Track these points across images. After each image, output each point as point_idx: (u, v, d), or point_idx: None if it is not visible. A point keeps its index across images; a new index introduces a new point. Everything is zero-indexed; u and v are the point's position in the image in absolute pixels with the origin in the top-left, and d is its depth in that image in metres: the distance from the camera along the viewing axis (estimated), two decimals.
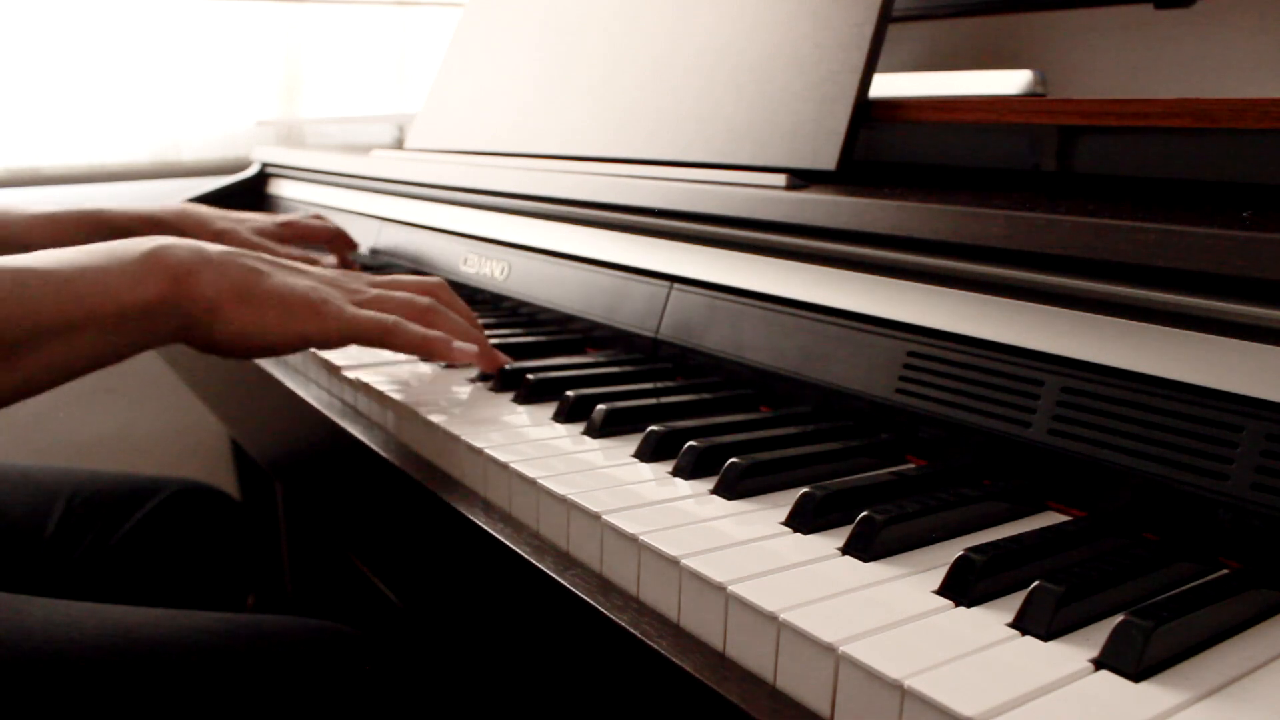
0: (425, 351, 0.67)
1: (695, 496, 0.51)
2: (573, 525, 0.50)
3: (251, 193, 1.55)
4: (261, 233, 1.04)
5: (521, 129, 1.01)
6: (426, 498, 0.60)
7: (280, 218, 1.08)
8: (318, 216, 1.13)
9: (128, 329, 0.58)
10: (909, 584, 0.42)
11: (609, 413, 0.61)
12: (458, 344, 0.67)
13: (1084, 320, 0.50)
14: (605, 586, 0.48)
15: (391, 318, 0.66)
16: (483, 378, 0.73)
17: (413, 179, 1.10)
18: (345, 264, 1.13)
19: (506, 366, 0.71)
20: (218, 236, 0.99)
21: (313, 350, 0.81)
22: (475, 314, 0.76)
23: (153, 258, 0.59)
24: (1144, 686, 0.35)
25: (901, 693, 0.34)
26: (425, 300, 0.69)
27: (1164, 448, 0.45)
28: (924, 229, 0.56)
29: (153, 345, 0.61)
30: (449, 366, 0.76)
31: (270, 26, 1.76)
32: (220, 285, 0.60)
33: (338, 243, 1.13)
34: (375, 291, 0.69)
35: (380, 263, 1.17)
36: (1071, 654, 0.37)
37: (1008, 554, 0.42)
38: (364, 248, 1.22)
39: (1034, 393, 0.51)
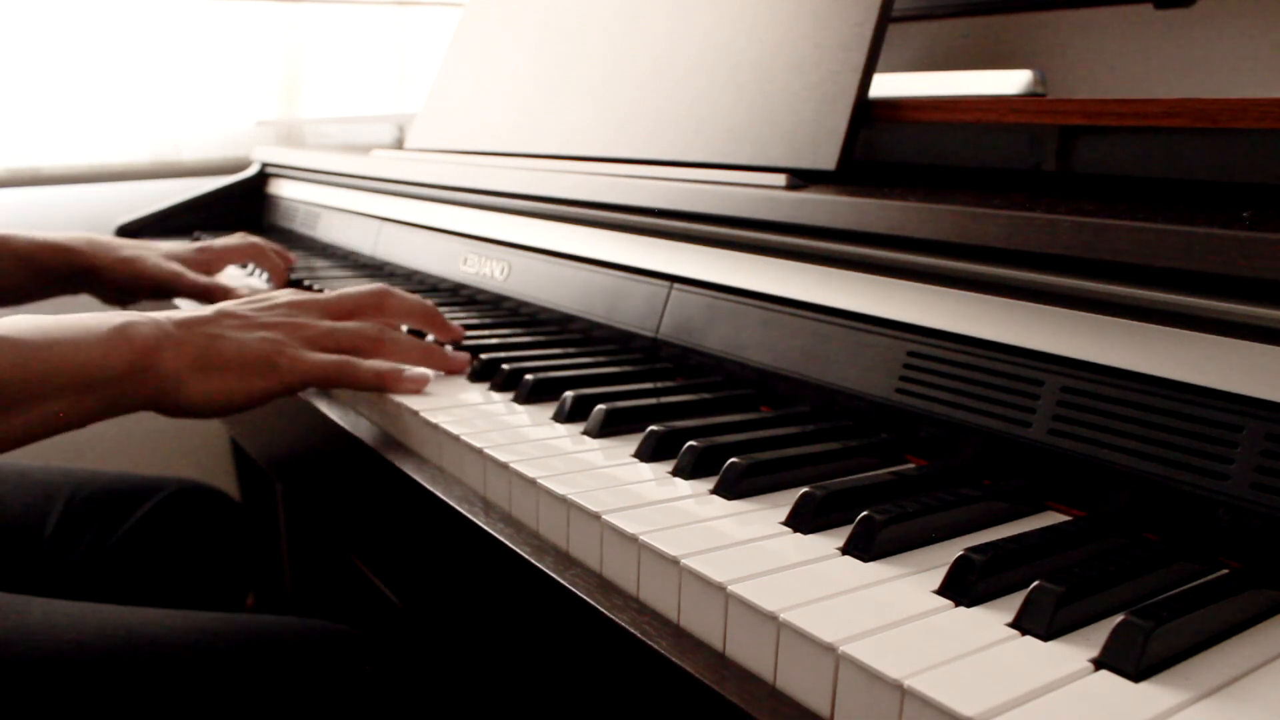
0: (378, 388, 0.69)
1: (695, 496, 0.51)
2: (572, 525, 0.50)
3: (251, 193, 1.55)
4: (172, 257, 1.03)
5: (521, 129, 1.01)
6: (426, 497, 0.60)
7: (195, 244, 1.08)
8: (242, 235, 1.12)
9: (94, 397, 0.61)
10: (909, 584, 0.42)
11: (609, 413, 0.61)
12: (408, 374, 0.69)
13: (1084, 320, 0.50)
14: (605, 586, 0.47)
15: (343, 358, 0.68)
16: (483, 378, 0.73)
17: (413, 179, 1.10)
18: (280, 282, 1.11)
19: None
20: (124, 263, 0.99)
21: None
22: (431, 303, 0.78)
23: (118, 334, 0.62)
24: (1144, 686, 0.35)
25: (901, 692, 0.34)
26: (374, 330, 0.71)
27: (1164, 448, 0.45)
28: (924, 229, 0.56)
29: (120, 413, 0.63)
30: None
31: (270, 26, 1.76)
32: (180, 359, 0.63)
33: (262, 260, 1.11)
34: (326, 325, 0.70)
35: (378, 261, 1.17)
36: (1071, 654, 0.37)
37: (1008, 554, 0.42)
38: (364, 248, 1.22)
39: (1034, 393, 0.51)
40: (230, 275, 1.24)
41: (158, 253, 1.02)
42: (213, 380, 0.64)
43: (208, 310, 0.68)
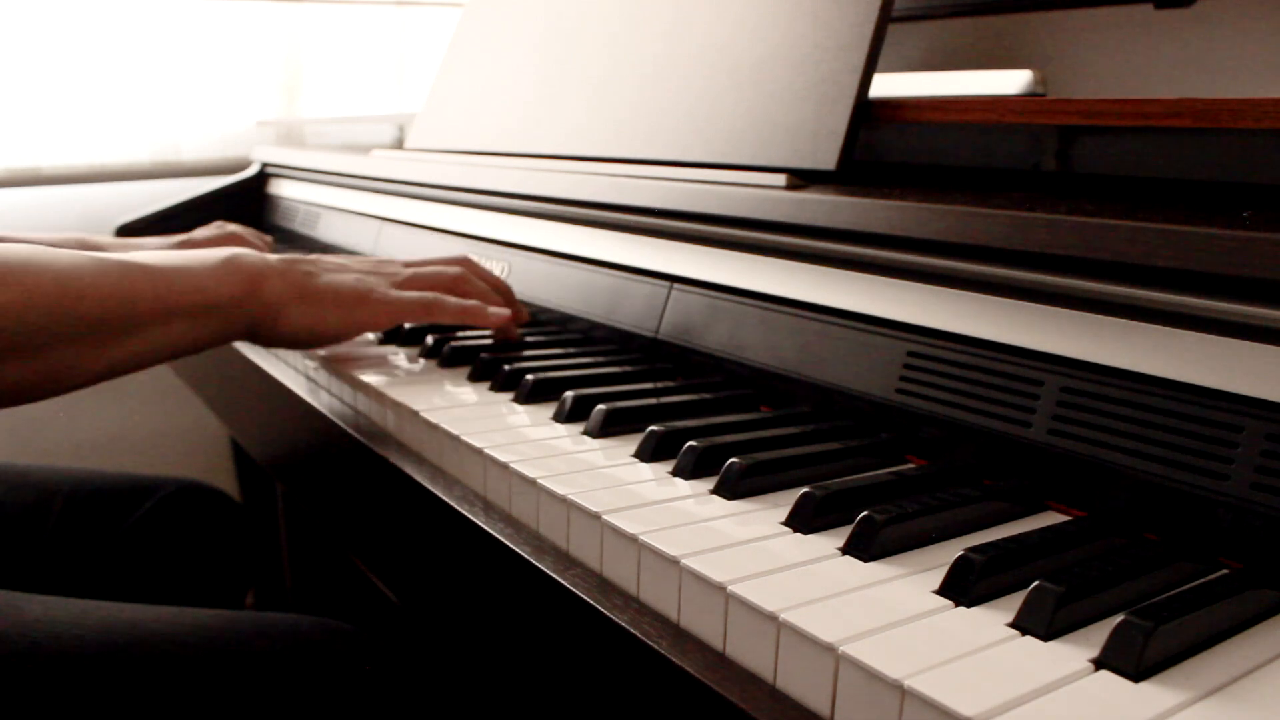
0: (464, 320, 0.75)
1: (695, 496, 0.51)
2: (573, 525, 0.50)
3: (251, 193, 1.55)
4: None
5: (521, 129, 1.01)
6: (426, 497, 0.60)
7: (175, 239, 1.08)
8: (219, 225, 1.12)
9: (210, 321, 0.67)
10: (909, 584, 0.42)
11: (609, 413, 0.61)
12: (492, 310, 0.76)
13: (1084, 320, 0.50)
14: (605, 586, 0.47)
15: (431, 295, 0.75)
16: (483, 378, 0.73)
17: (413, 179, 1.10)
18: None
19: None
20: None
21: (313, 350, 0.81)
22: (502, 280, 0.82)
23: (230, 263, 0.68)
24: (1144, 686, 0.35)
25: (901, 693, 0.34)
26: (455, 270, 0.78)
27: (1164, 448, 0.45)
28: (924, 229, 0.56)
29: (227, 340, 0.70)
30: (477, 337, 0.81)
31: (270, 26, 1.76)
32: (283, 288, 0.70)
33: (246, 247, 1.11)
34: (410, 271, 0.77)
35: None
36: (1071, 654, 0.37)
37: (1008, 554, 0.42)
38: (364, 248, 1.21)
39: (1034, 393, 0.51)
40: None
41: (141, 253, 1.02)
42: (309, 311, 0.70)
43: (305, 256, 0.74)
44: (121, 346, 0.62)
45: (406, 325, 0.82)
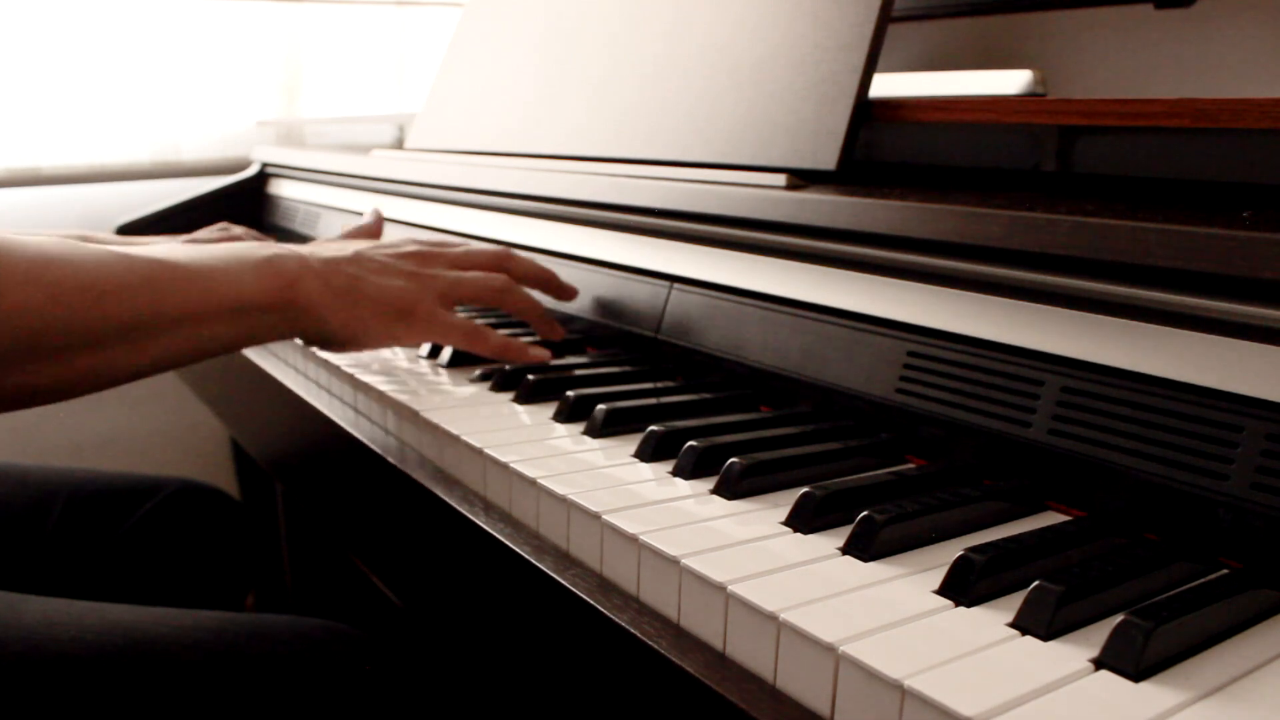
0: (503, 356, 0.73)
1: (695, 496, 0.51)
2: (573, 525, 0.50)
3: (251, 193, 1.55)
4: None
5: (521, 129, 1.01)
6: (426, 498, 0.60)
7: (177, 240, 1.05)
8: (223, 227, 1.12)
9: (243, 322, 0.65)
10: (909, 584, 0.42)
11: (609, 413, 0.61)
12: (533, 351, 0.74)
13: (1084, 320, 0.50)
14: (605, 586, 0.48)
15: (475, 326, 0.73)
16: (483, 378, 0.73)
17: (413, 179, 1.10)
18: None
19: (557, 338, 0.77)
20: None
21: (313, 350, 0.81)
22: (545, 268, 0.80)
23: (268, 264, 0.66)
24: (1144, 686, 0.35)
25: (901, 692, 0.34)
26: (499, 282, 0.75)
27: (1164, 448, 0.45)
28: (924, 229, 0.56)
29: (262, 341, 0.68)
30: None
31: (270, 26, 1.76)
32: (323, 292, 0.67)
33: None
34: (454, 275, 0.73)
35: None
36: (1071, 654, 0.37)
37: (1008, 554, 0.42)
38: None
39: (1034, 393, 0.51)
40: None
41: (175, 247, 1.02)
42: (351, 316, 0.68)
43: (347, 250, 0.71)
44: (148, 349, 0.61)
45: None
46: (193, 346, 0.63)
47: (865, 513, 0.45)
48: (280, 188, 1.52)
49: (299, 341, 0.73)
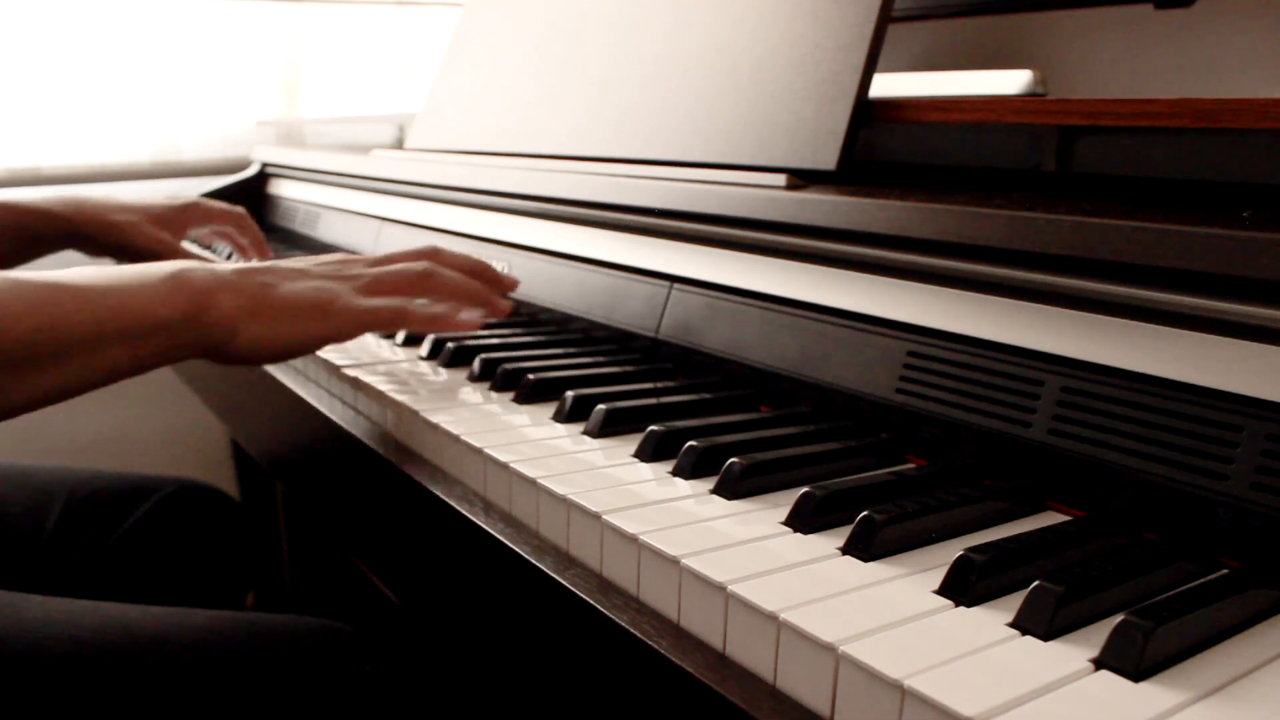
0: (434, 328, 0.71)
1: (695, 496, 0.51)
2: (573, 525, 0.50)
3: (251, 193, 1.55)
4: (160, 221, 1.01)
5: (522, 129, 1.01)
6: (426, 497, 0.60)
7: (180, 200, 1.05)
8: (243, 210, 1.11)
9: (151, 343, 0.62)
10: (909, 584, 0.42)
11: (609, 412, 0.61)
12: (463, 315, 0.71)
13: (1084, 320, 0.50)
14: (605, 586, 0.47)
15: (398, 302, 0.69)
16: (484, 377, 0.73)
17: (413, 179, 1.10)
18: (261, 252, 1.11)
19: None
20: (112, 229, 0.98)
21: (313, 351, 0.81)
22: (476, 259, 0.78)
23: (174, 281, 0.63)
24: (1144, 686, 0.35)
25: (901, 692, 0.34)
26: (421, 265, 0.72)
27: (1164, 448, 0.45)
28: (924, 229, 0.56)
29: (174, 360, 0.64)
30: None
31: (270, 26, 1.76)
32: (237, 303, 0.64)
33: (245, 227, 1.10)
34: (374, 272, 0.71)
35: None
36: (1071, 654, 0.37)
37: (1008, 554, 0.42)
38: (364, 248, 1.21)
39: (1034, 393, 0.51)
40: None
41: (148, 218, 1.00)
42: (267, 326, 0.65)
43: (262, 262, 0.69)
44: (52, 375, 0.58)
45: None
46: (102, 369, 0.60)
47: (865, 513, 0.45)
48: (280, 188, 1.52)
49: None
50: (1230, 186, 0.60)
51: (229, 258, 1.23)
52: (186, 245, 1.05)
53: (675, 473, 0.54)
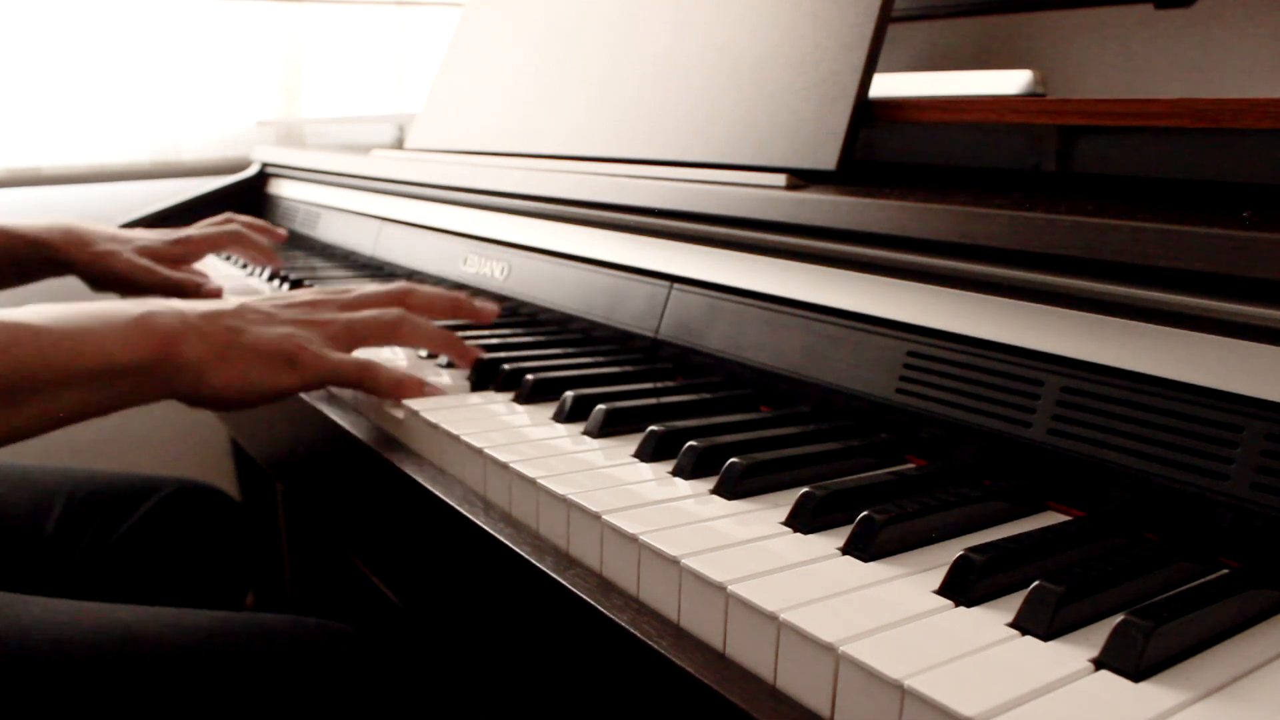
0: (397, 396, 0.68)
1: (695, 496, 0.51)
2: (573, 525, 0.50)
3: (251, 193, 1.55)
4: (147, 253, 1.01)
5: (521, 129, 1.01)
6: (426, 497, 0.60)
7: (172, 235, 1.05)
8: (227, 218, 1.11)
9: (115, 386, 0.61)
10: (909, 584, 0.42)
11: (609, 412, 0.61)
12: (428, 383, 0.69)
13: (1084, 320, 0.50)
14: (605, 586, 0.47)
15: (365, 362, 0.68)
16: (484, 378, 0.73)
17: (413, 179, 1.10)
18: (274, 273, 1.12)
19: (484, 358, 0.73)
20: (98, 259, 0.98)
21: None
22: (451, 294, 0.77)
23: (140, 324, 0.62)
24: (1144, 686, 0.35)
25: (901, 692, 0.34)
26: (393, 314, 0.71)
27: (1164, 448, 0.45)
28: (924, 229, 0.56)
29: (139, 403, 0.64)
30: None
31: (270, 26, 1.76)
32: (202, 348, 0.64)
33: (244, 248, 1.10)
34: (345, 318, 0.70)
35: (378, 261, 1.17)
36: (1071, 654, 0.37)
37: (1008, 554, 0.42)
38: (364, 248, 1.22)
39: (1034, 393, 0.51)
40: (213, 267, 1.24)
41: (132, 247, 1.01)
42: (234, 371, 0.64)
43: (230, 304, 0.68)
44: (8, 415, 0.57)
45: None
46: (61, 412, 0.60)
47: (865, 513, 0.45)
48: (280, 188, 1.52)
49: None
50: (1230, 186, 0.60)
51: (243, 267, 1.24)
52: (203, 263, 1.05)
53: (675, 473, 0.54)
